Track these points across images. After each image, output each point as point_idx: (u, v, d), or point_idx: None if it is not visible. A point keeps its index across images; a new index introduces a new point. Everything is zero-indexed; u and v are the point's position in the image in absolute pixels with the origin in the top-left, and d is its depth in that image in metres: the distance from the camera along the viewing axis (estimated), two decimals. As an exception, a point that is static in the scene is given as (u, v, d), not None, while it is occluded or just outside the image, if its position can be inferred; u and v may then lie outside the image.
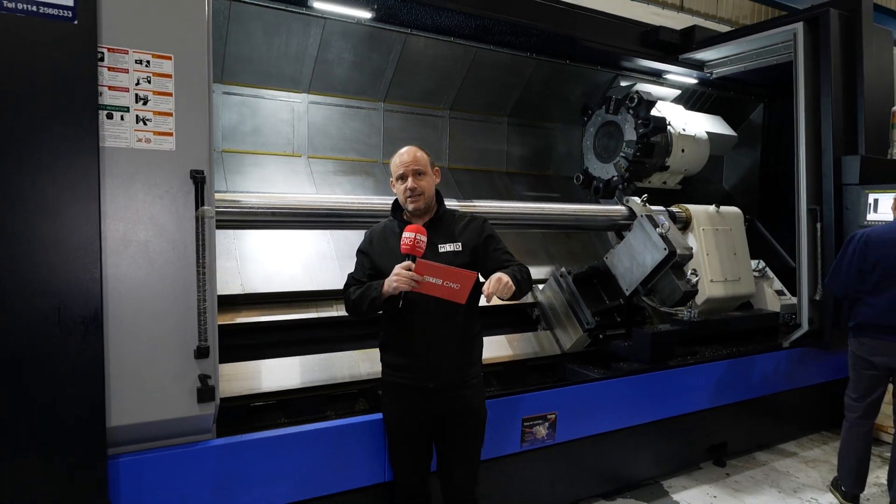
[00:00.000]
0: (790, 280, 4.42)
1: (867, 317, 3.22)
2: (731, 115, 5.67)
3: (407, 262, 2.10)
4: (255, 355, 3.13)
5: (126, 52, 1.96)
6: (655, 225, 3.68)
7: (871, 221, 3.77)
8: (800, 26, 3.94)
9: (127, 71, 1.96)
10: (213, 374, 2.11)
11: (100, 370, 1.89)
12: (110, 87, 1.93)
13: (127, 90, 1.96)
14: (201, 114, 2.09)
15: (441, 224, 2.36)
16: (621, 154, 4.57)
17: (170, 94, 2.03)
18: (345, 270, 3.72)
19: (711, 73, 5.01)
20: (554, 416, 3.02)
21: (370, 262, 2.38)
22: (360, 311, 2.29)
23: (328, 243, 3.86)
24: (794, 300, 4.26)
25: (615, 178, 4.62)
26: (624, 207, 4.01)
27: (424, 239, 2.14)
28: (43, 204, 1.80)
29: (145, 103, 1.99)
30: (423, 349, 2.27)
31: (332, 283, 3.68)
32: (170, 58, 2.03)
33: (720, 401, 3.79)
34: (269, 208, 2.81)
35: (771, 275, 4.86)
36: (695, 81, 5.24)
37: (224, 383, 2.55)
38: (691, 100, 5.65)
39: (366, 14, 3.71)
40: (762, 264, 4.87)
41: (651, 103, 4.49)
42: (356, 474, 2.53)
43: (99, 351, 1.89)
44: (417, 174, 2.28)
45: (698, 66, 4.95)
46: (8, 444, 1.78)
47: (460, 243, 2.32)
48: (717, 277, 4.34)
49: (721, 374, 3.81)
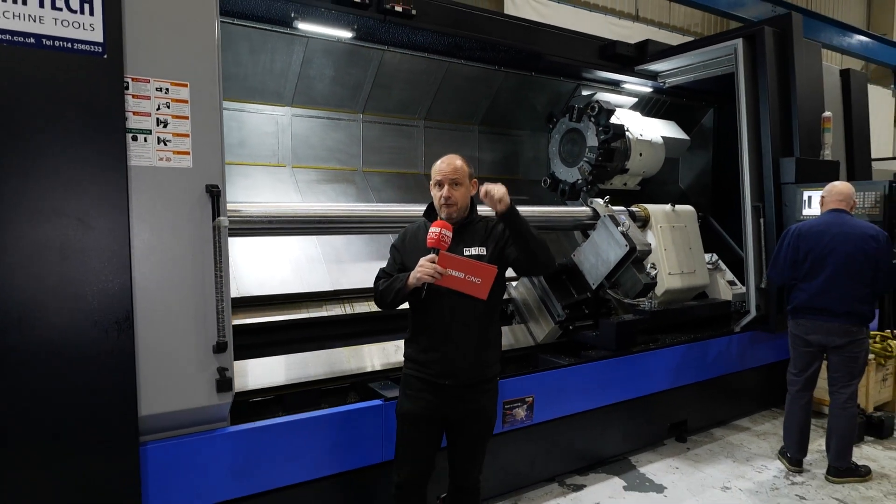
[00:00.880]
0: (741, 271, 4.84)
1: (802, 300, 3.62)
2: (684, 120, 6.08)
3: (431, 255, 2.21)
4: (251, 354, 3.32)
5: (148, 81, 2.20)
6: (617, 224, 4.03)
7: (806, 216, 4.20)
8: (739, 42, 4.37)
9: (149, 97, 2.20)
10: (229, 367, 2.35)
11: (132, 365, 2.12)
12: (134, 113, 2.17)
13: (149, 115, 2.20)
14: (214, 134, 2.33)
15: (470, 229, 2.42)
16: (584, 159, 4.93)
17: (186, 118, 2.27)
18: (333, 275, 4.03)
19: (664, 83, 5.42)
20: (531, 398, 3.34)
21: (400, 258, 2.46)
22: (387, 302, 2.39)
23: (316, 248, 4.10)
24: (744, 289, 4.69)
25: (580, 181, 4.97)
26: (588, 208, 4.35)
27: (450, 234, 2.24)
28: (79, 217, 2.02)
29: (165, 126, 2.23)
30: (441, 346, 2.33)
31: (321, 286, 3.92)
32: (186, 85, 2.27)
33: (679, 382, 4.17)
34: (267, 217, 3.02)
35: (723, 266, 5.28)
36: (650, 90, 5.64)
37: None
38: (647, 106, 6.06)
39: (346, 34, 3.98)
40: (715, 257, 5.29)
41: (610, 112, 4.87)
42: (357, 456, 2.78)
43: (130, 348, 2.12)
44: (454, 184, 2.35)
45: (652, 76, 5.36)
46: (56, 431, 2.00)
47: (485, 248, 2.38)
48: (675, 270, 4.73)
49: (679, 357, 4.19)
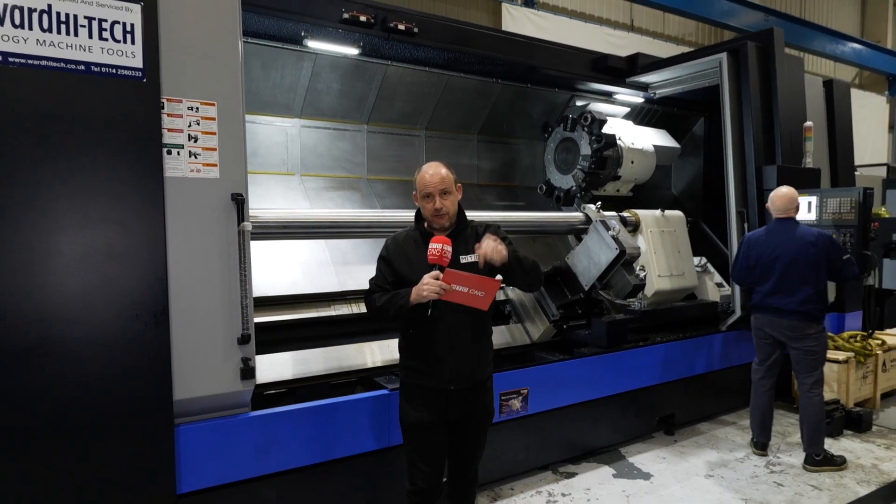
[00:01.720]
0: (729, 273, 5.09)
1: (756, 300, 4.06)
2: (675, 128, 6.34)
3: (435, 272, 2.21)
4: (264, 350, 3.53)
5: (181, 101, 2.46)
6: (608, 228, 4.28)
7: (787, 221, 4.44)
8: (724, 56, 4.63)
9: (181, 115, 2.46)
10: (252, 357, 2.60)
11: (167, 353, 2.37)
12: (169, 129, 2.43)
13: (181, 131, 2.46)
14: (238, 147, 2.59)
15: (462, 236, 2.46)
16: (578, 167, 5.19)
17: (214, 133, 2.53)
18: (340, 276, 4.29)
19: (655, 94, 5.68)
20: (526, 391, 3.58)
21: (392, 270, 2.45)
22: (387, 317, 2.40)
23: (324, 251, 4.35)
24: (731, 290, 4.93)
25: (574, 188, 5.23)
26: (581, 214, 4.60)
27: (450, 249, 2.27)
28: (123, 223, 2.28)
29: (195, 141, 2.49)
30: (446, 353, 2.37)
31: (329, 287, 4.17)
32: (213, 104, 2.53)
33: (667, 377, 4.42)
34: (282, 222, 3.29)
35: (711, 269, 5.53)
36: (641, 100, 5.90)
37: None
38: (640, 115, 6.32)
39: (353, 50, 4.24)
40: (704, 260, 5.55)
41: (602, 122, 5.13)
42: (366, 440, 3.03)
43: (166, 338, 2.37)
44: (443, 193, 2.38)
45: (643, 87, 5.62)
46: (103, 413, 2.25)
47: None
48: (664, 273, 4.98)
49: (668, 354, 4.43)
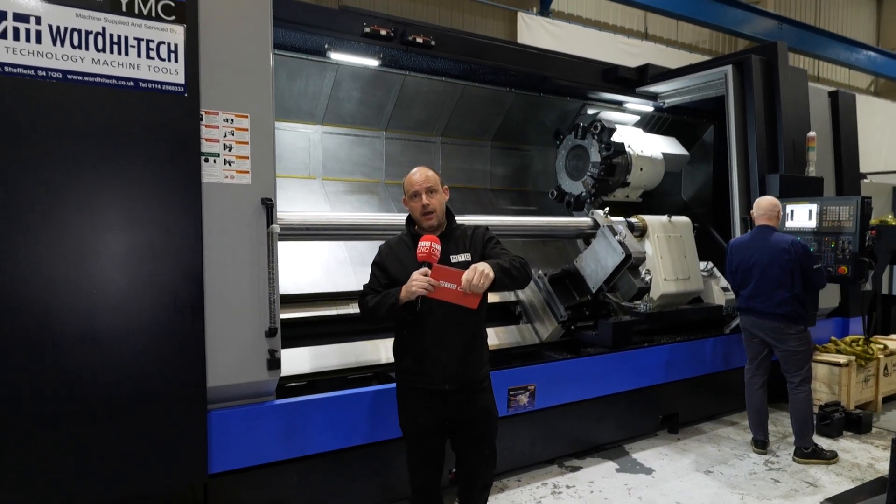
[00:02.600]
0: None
1: (741, 303, 4.32)
2: (685, 136, 6.49)
3: (424, 269, 2.27)
4: (286, 345, 3.71)
5: (217, 114, 2.69)
6: (615, 233, 4.45)
7: (789, 228, 4.60)
8: (729, 68, 4.80)
9: (217, 127, 2.69)
10: (278, 349, 2.82)
11: (202, 344, 2.60)
12: (207, 139, 2.66)
13: (217, 141, 2.69)
14: (268, 156, 2.82)
15: (452, 237, 2.54)
16: (588, 173, 5.37)
17: (246, 143, 2.76)
18: (358, 275, 4.51)
19: (664, 103, 5.84)
20: (533, 387, 3.77)
21: (385, 273, 2.53)
22: (378, 317, 2.47)
23: (343, 252, 4.58)
24: (735, 294, 5.07)
25: (584, 194, 5.40)
26: (589, 219, 4.78)
27: (439, 247, 2.32)
28: (165, 224, 2.51)
29: (230, 150, 2.72)
30: (437, 353, 2.41)
31: (349, 286, 4.38)
32: (246, 116, 2.76)
33: (672, 377, 4.57)
34: (306, 224, 3.50)
35: (718, 274, 5.66)
36: (651, 109, 6.06)
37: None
38: (651, 123, 6.48)
39: (373, 62, 4.47)
40: (710, 265, 5.68)
41: (612, 130, 5.30)
42: (380, 430, 3.23)
43: (201, 330, 2.60)
44: (430, 191, 2.47)
45: (653, 96, 5.79)
46: (145, 397, 2.48)
47: (470, 253, 2.50)
48: (670, 276, 5.13)
49: (672, 355, 4.59)
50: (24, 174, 2.26)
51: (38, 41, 2.31)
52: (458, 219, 2.71)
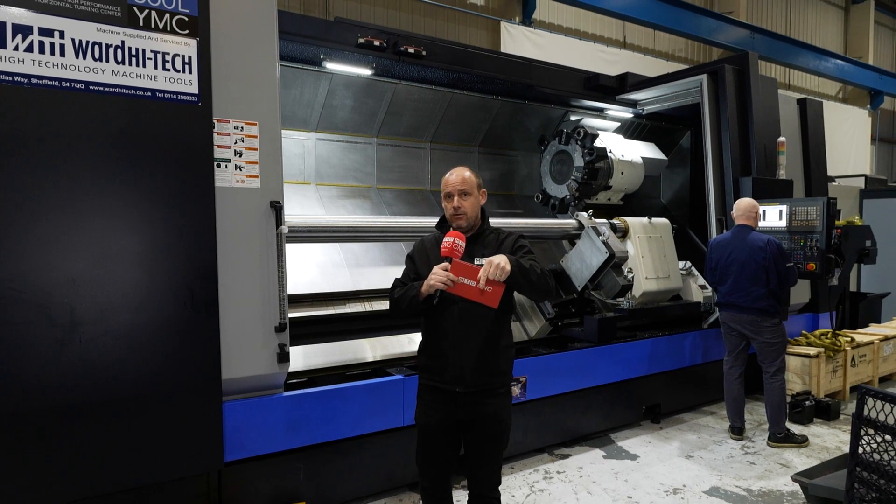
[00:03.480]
0: (711, 276, 5.49)
1: (719, 298, 4.60)
2: (664, 141, 6.76)
3: (444, 264, 2.28)
4: None
5: (228, 122, 2.85)
6: (599, 234, 4.68)
7: (761, 228, 4.86)
8: (704, 77, 5.08)
9: (228, 134, 2.86)
10: (287, 343, 2.98)
11: (217, 338, 2.75)
12: (218, 146, 2.82)
13: (228, 147, 2.85)
14: (276, 161, 2.99)
15: (482, 239, 2.51)
16: (572, 177, 5.61)
17: (255, 149, 2.93)
18: (354, 277, 4.68)
19: (643, 110, 6.12)
20: (524, 378, 3.97)
21: (414, 267, 2.56)
22: (401, 309, 2.46)
23: (339, 254, 4.74)
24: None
25: (568, 197, 5.63)
26: (574, 221, 5.00)
27: (462, 244, 2.32)
28: (181, 226, 2.67)
29: (240, 156, 2.89)
30: (452, 353, 2.38)
31: (344, 286, 4.56)
32: (255, 124, 2.93)
33: (653, 370, 4.81)
34: (307, 227, 3.62)
35: (696, 272, 5.92)
36: (631, 115, 6.33)
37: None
38: (631, 129, 6.75)
39: (366, 71, 4.66)
40: (689, 264, 5.94)
41: (594, 136, 5.55)
42: (382, 419, 3.41)
43: (216, 325, 2.75)
44: (463, 195, 2.44)
45: (632, 104, 6.06)
46: (169, 390, 2.63)
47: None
48: (651, 275, 5.38)
49: (653, 349, 4.83)
50: (51, 178, 2.41)
51: (63, 54, 2.46)
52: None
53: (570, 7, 10.07)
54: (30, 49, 2.39)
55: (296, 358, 3.84)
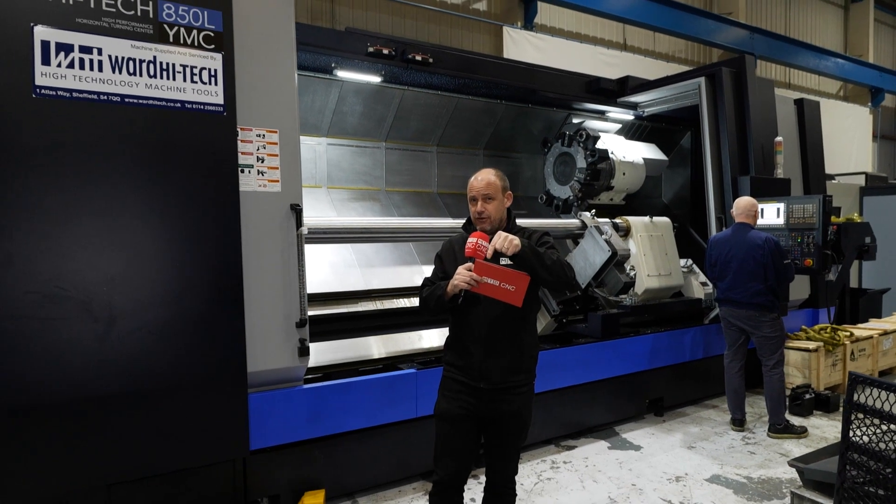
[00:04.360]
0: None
1: (719, 294, 4.75)
2: (665, 142, 6.91)
3: (468, 264, 2.32)
4: None
5: (251, 130, 3.04)
6: (601, 233, 4.85)
7: (760, 225, 5.01)
8: (702, 80, 5.24)
9: (251, 141, 3.04)
10: (307, 338, 3.16)
11: (242, 333, 2.93)
12: (242, 153, 3.00)
13: (252, 154, 3.04)
14: (295, 166, 3.17)
15: None
16: (575, 178, 5.77)
17: (276, 155, 3.11)
18: (366, 277, 4.86)
19: (644, 112, 6.27)
20: (532, 372, 4.13)
21: (442, 266, 2.60)
22: (429, 307, 2.51)
23: (351, 254, 4.92)
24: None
25: (571, 198, 5.80)
26: (578, 220, 5.17)
27: (486, 244, 2.33)
28: (208, 227, 2.85)
29: (262, 161, 3.07)
30: (476, 350, 2.42)
31: (355, 286, 4.74)
32: (276, 131, 3.11)
33: (656, 364, 4.97)
34: (323, 228, 3.81)
35: (697, 270, 6.08)
36: (632, 117, 6.49)
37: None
38: (632, 131, 6.91)
39: (376, 78, 4.84)
40: (690, 262, 6.09)
41: (596, 138, 5.71)
42: (396, 411, 3.58)
43: (241, 319, 2.93)
44: (486, 199, 2.47)
45: (633, 106, 6.22)
46: (198, 382, 2.80)
47: None
48: (653, 273, 5.53)
49: (656, 344, 4.99)
50: (91, 184, 2.59)
51: (100, 70, 2.64)
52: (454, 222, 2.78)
53: (571, 11, 10.25)
54: (71, 65, 2.58)
55: (311, 355, 4.04)
